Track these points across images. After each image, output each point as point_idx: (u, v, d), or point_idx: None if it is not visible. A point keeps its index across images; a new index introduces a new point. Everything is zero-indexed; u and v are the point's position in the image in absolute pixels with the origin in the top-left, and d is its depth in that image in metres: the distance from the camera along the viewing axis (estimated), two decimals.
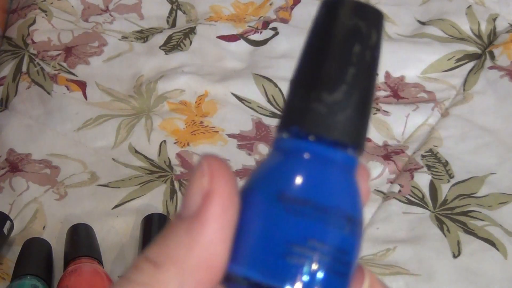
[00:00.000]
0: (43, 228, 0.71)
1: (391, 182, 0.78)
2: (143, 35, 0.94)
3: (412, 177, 0.78)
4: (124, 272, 0.21)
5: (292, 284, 0.20)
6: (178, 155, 0.79)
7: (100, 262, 0.65)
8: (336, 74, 0.22)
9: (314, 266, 0.21)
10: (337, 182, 0.22)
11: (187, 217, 0.21)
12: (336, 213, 0.21)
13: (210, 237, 0.20)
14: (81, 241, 0.67)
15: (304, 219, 0.21)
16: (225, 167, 0.21)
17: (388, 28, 0.96)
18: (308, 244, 0.20)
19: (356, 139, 0.22)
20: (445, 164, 0.79)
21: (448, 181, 0.77)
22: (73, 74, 0.87)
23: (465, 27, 0.95)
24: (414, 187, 0.77)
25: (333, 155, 0.22)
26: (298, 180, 0.21)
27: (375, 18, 0.23)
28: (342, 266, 0.21)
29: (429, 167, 0.79)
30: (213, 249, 0.20)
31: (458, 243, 0.71)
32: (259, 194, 0.21)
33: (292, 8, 0.98)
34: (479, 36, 0.94)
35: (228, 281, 0.21)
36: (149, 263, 0.20)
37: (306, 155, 0.22)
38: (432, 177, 0.78)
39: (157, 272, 0.20)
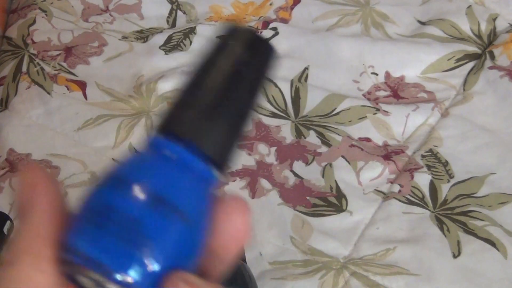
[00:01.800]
0: None
1: (391, 182, 0.78)
2: (143, 35, 0.94)
3: (412, 177, 0.78)
4: None
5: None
6: None
7: None
8: (209, 99, 0.25)
9: (110, 234, 0.23)
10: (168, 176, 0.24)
11: (21, 213, 0.23)
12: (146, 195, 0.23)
13: (44, 218, 0.23)
14: None
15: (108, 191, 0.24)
16: (39, 167, 0.24)
17: (388, 28, 0.96)
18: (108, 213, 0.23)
19: (211, 150, 0.25)
20: (445, 164, 0.79)
21: (448, 181, 0.77)
22: (73, 74, 0.87)
23: (465, 27, 0.95)
24: (414, 187, 0.77)
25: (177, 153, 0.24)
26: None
27: (266, 55, 0.25)
28: (132, 234, 0.23)
29: (429, 167, 0.79)
30: (46, 229, 0.23)
31: (458, 243, 0.71)
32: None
33: (292, 8, 0.98)
34: (479, 36, 0.94)
35: (66, 252, 0.23)
36: (4, 266, 0.22)
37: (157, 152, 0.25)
38: (432, 177, 0.78)
39: (12, 269, 0.22)
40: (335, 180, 0.78)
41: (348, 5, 0.98)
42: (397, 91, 0.88)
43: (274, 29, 0.95)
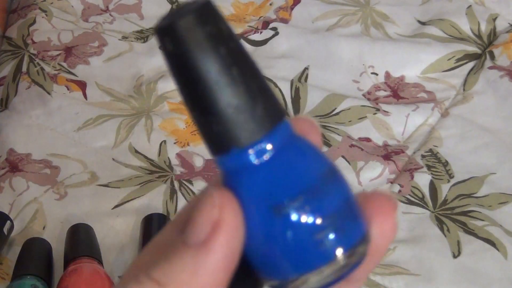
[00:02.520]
0: (43, 228, 0.71)
1: (391, 182, 0.78)
2: (143, 35, 0.94)
3: (412, 177, 0.78)
4: (124, 283, 0.22)
5: (327, 259, 0.22)
6: (178, 155, 0.79)
7: (100, 262, 0.65)
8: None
9: (331, 236, 0.22)
10: (292, 163, 0.22)
11: (193, 244, 0.21)
12: (316, 186, 0.22)
13: (215, 265, 0.21)
14: (81, 241, 0.67)
15: (303, 212, 0.22)
16: (234, 201, 0.22)
17: (388, 28, 0.96)
18: (318, 226, 0.22)
19: (270, 118, 0.22)
20: (445, 164, 0.79)
21: (448, 181, 0.77)
22: (73, 74, 0.87)
23: (465, 27, 0.95)
24: (414, 187, 0.77)
25: (273, 144, 0.22)
26: (274, 187, 0.22)
27: (208, 15, 0.22)
28: (345, 219, 0.22)
29: (429, 167, 0.79)
30: (216, 276, 0.21)
31: (458, 243, 0.71)
32: (258, 215, 0.22)
33: (292, 8, 0.98)
34: (479, 36, 0.94)
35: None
36: (153, 282, 0.21)
37: (257, 162, 0.22)
38: (432, 177, 0.78)
39: None
40: None
41: (348, 5, 0.98)
42: (397, 91, 0.88)
43: (274, 29, 0.95)
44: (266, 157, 0.22)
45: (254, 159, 0.22)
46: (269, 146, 0.22)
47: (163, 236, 0.24)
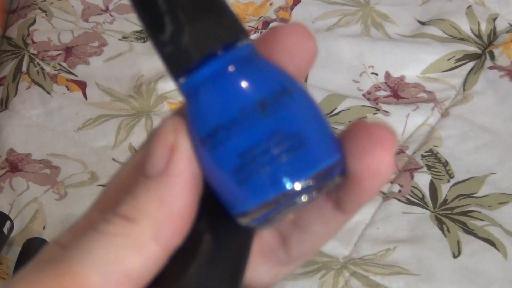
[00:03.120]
0: (43, 228, 0.71)
1: (391, 182, 0.78)
2: (143, 35, 0.94)
3: (412, 177, 0.78)
4: (92, 226, 0.22)
5: (276, 190, 0.21)
6: None
7: None
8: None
9: (271, 166, 0.21)
10: (244, 79, 0.21)
11: (155, 174, 0.21)
12: (262, 103, 0.21)
13: (179, 190, 0.21)
14: None
15: (241, 132, 0.21)
16: (185, 124, 0.22)
17: (388, 28, 0.96)
18: (257, 150, 0.21)
19: (228, 33, 0.21)
20: (445, 164, 0.79)
21: (448, 181, 0.77)
22: (73, 74, 0.87)
23: (465, 27, 0.95)
24: (414, 187, 0.77)
25: (223, 64, 0.21)
26: (210, 111, 0.21)
27: None
28: (287, 143, 0.21)
29: (429, 167, 0.79)
30: (183, 201, 0.21)
31: (458, 243, 0.71)
32: (197, 145, 0.21)
33: (292, 8, 0.98)
34: (479, 36, 0.94)
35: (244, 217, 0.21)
36: (122, 218, 0.21)
37: (201, 86, 0.21)
38: (432, 177, 0.78)
39: (131, 226, 0.21)
40: None
41: (348, 5, 0.98)
42: (397, 91, 0.88)
43: None
44: (208, 79, 0.21)
45: (201, 80, 0.21)
46: (219, 66, 0.21)
47: (121, 177, 0.24)
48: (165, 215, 0.21)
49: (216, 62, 0.21)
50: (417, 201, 0.75)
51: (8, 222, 0.68)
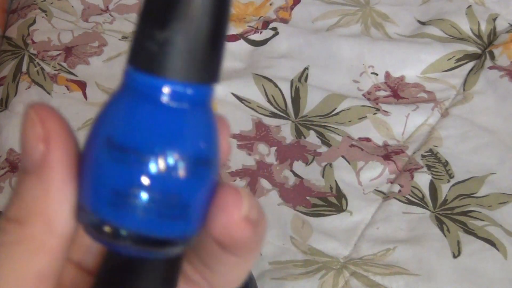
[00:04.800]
0: None
1: (391, 182, 0.78)
2: None
3: (412, 177, 0.78)
4: None
5: (120, 223, 0.21)
6: None
7: None
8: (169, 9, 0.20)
9: (139, 212, 0.20)
10: (164, 123, 0.20)
11: (33, 169, 0.21)
12: (163, 157, 0.20)
13: (61, 180, 0.21)
14: None
15: (125, 167, 0.20)
16: (52, 111, 0.21)
17: (388, 28, 0.96)
18: (131, 191, 0.20)
19: (195, 73, 0.20)
20: (445, 164, 0.79)
21: (448, 181, 0.78)
22: (73, 74, 0.87)
23: (465, 27, 0.95)
24: (414, 187, 0.77)
25: (164, 92, 0.20)
26: (125, 124, 0.20)
27: None
28: (174, 209, 0.21)
29: (429, 167, 0.79)
30: (67, 188, 0.21)
31: (458, 243, 0.71)
32: (93, 137, 0.21)
33: (292, 8, 0.98)
34: (479, 36, 0.94)
35: (80, 211, 0.21)
36: (12, 222, 0.21)
37: (139, 95, 0.20)
38: (432, 177, 0.78)
39: (23, 229, 0.21)
40: (335, 180, 0.78)
41: (348, 5, 0.98)
42: (397, 91, 0.88)
43: (274, 29, 0.95)
44: (172, 102, 0.20)
45: (164, 97, 0.20)
46: (188, 95, 0.20)
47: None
48: (53, 208, 0.21)
49: (179, 89, 0.20)
50: (417, 201, 0.75)
51: None
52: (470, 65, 0.91)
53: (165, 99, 0.20)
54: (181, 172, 0.20)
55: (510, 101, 0.86)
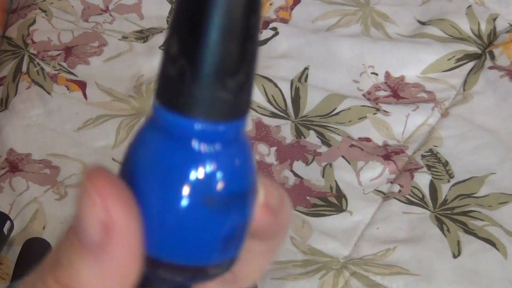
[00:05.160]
0: (43, 228, 0.71)
1: (391, 182, 0.78)
2: (143, 35, 0.94)
3: (412, 177, 0.78)
4: (30, 283, 0.20)
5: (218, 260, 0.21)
6: None
7: None
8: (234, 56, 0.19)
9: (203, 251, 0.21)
10: (199, 161, 0.20)
11: (90, 246, 0.20)
12: (226, 200, 0.20)
13: (121, 262, 0.20)
14: None
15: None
16: (115, 184, 0.20)
17: (388, 28, 0.96)
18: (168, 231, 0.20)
19: (242, 108, 0.20)
20: (445, 164, 0.79)
21: (448, 181, 0.77)
22: (73, 74, 0.87)
23: (465, 27, 0.95)
24: (414, 187, 0.77)
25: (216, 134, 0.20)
26: (157, 166, 0.20)
27: None
28: (222, 243, 0.21)
29: (429, 167, 0.79)
30: (125, 271, 0.20)
31: (458, 243, 0.71)
32: (153, 193, 0.20)
33: (292, 8, 0.98)
34: (479, 36, 0.94)
35: (155, 267, 0.21)
36: (61, 287, 0.20)
37: (167, 133, 0.20)
38: (432, 177, 0.78)
39: None
40: (335, 180, 0.78)
41: (348, 5, 0.98)
42: (397, 91, 0.88)
43: (274, 29, 0.95)
44: (215, 145, 0.20)
45: (208, 139, 0.20)
46: (222, 133, 0.20)
47: (66, 234, 0.22)
48: (109, 286, 0.20)
49: (214, 129, 0.20)
50: (417, 201, 0.75)
51: (8, 222, 0.68)
52: (470, 65, 0.91)
53: (194, 139, 0.20)
54: (214, 210, 0.20)
55: (510, 101, 0.86)
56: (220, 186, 0.20)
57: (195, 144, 0.20)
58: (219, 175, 0.20)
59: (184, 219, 0.20)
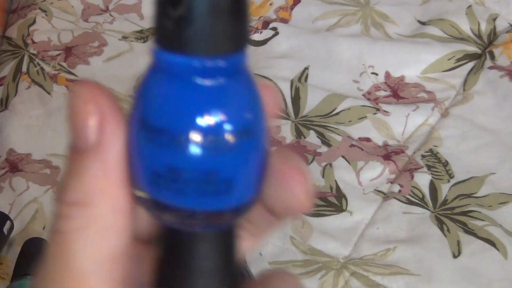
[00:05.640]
0: (43, 228, 0.71)
1: (391, 182, 0.78)
2: (143, 35, 0.94)
3: (412, 177, 0.78)
4: (52, 227, 0.21)
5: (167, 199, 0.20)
6: None
7: None
8: None
9: (181, 190, 0.20)
10: (193, 100, 0.20)
11: (87, 148, 0.20)
12: (196, 136, 0.20)
13: (118, 158, 0.20)
14: None
15: (161, 148, 0.20)
16: (102, 87, 0.20)
17: (388, 28, 0.96)
18: (169, 172, 0.20)
19: (221, 46, 0.20)
20: (445, 164, 0.79)
21: (448, 181, 0.77)
22: (73, 74, 0.87)
23: (465, 27, 0.95)
24: (414, 187, 0.77)
25: (193, 70, 0.20)
26: (156, 105, 0.20)
27: None
28: (213, 185, 0.20)
29: (429, 167, 0.79)
30: (123, 168, 0.20)
31: (458, 243, 0.71)
32: (131, 118, 0.21)
33: (292, 8, 0.98)
34: (479, 36, 0.94)
35: (132, 187, 0.21)
36: (75, 206, 0.20)
37: (169, 75, 0.20)
38: (432, 177, 0.78)
39: (89, 211, 0.20)
40: (335, 180, 0.78)
41: (348, 5, 0.98)
42: (397, 91, 0.88)
43: (274, 29, 0.95)
44: (214, 80, 0.20)
45: (203, 73, 0.20)
46: (223, 68, 0.20)
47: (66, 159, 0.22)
48: (115, 186, 0.20)
49: (208, 64, 0.20)
50: (417, 201, 0.75)
51: (8, 222, 0.68)
52: (470, 65, 0.91)
53: (195, 76, 0.20)
54: (221, 148, 0.20)
55: (510, 101, 0.86)
56: (224, 122, 0.20)
57: (196, 80, 0.20)
58: (221, 110, 0.20)
59: (190, 159, 0.20)
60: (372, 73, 0.90)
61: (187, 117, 0.20)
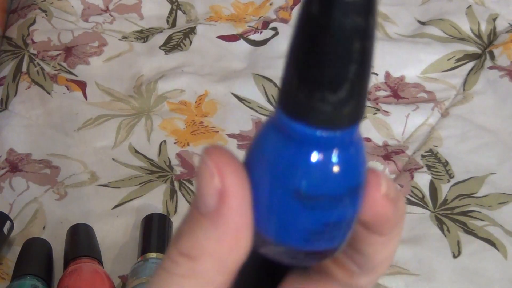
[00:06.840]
0: (43, 228, 0.71)
1: None
2: (143, 35, 0.94)
3: (412, 177, 0.78)
4: (161, 263, 0.23)
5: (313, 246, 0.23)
6: (178, 155, 0.79)
7: (100, 262, 0.65)
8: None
9: (320, 239, 0.23)
10: (346, 165, 0.22)
11: (208, 213, 0.22)
12: (346, 194, 0.22)
13: (235, 227, 0.22)
14: (81, 241, 0.67)
15: (319, 211, 0.22)
16: (230, 158, 0.22)
17: (388, 28, 0.96)
18: (321, 229, 0.22)
19: (357, 116, 0.22)
20: (445, 164, 0.79)
21: (448, 181, 0.77)
22: (73, 74, 0.87)
23: (465, 27, 0.95)
24: (414, 187, 0.77)
25: (336, 140, 0.22)
26: (313, 176, 0.22)
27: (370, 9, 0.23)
28: (339, 230, 0.23)
29: (429, 167, 0.79)
30: (239, 236, 0.22)
31: (458, 243, 0.71)
32: (273, 187, 0.22)
33: (292, 8, 0.98)
34: (479, 36, 0.94)
35: (260, 241, 0.23)
36: (185, 257, 0.22)
37: (312, 148, 0.22)
38: (432, 177, 0.78)
39: (194, 265, 0.22)
40: None
41: None
42: (397, 91, 0.88)
43: (274, 29, 0.95)
44: (333, 148, 0.22)
45: (327, 142, 0.22)
46: (345, 138, 0.22)
47: (188, 211, 0.25)
48: (226, 251, 0.22)
49: (349, 135, 0.22)
50: (417, 201, 0.75)
51: (8, 222, 0.68)
52: (470, 65, 0.91)
53: (338, 148, 0.22)
54: (345, 203, 0.22)
55: (510, 101, 0.86)
56: (333, 184, 0.22)
57: (312, 149, 0.22)
58: (355, 172, 0.22)
59: (340, 213, 0.22)
60: (372, 73, 0.90)
61: (341, 183, 0.22)
